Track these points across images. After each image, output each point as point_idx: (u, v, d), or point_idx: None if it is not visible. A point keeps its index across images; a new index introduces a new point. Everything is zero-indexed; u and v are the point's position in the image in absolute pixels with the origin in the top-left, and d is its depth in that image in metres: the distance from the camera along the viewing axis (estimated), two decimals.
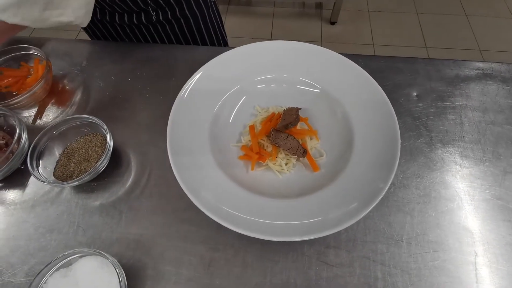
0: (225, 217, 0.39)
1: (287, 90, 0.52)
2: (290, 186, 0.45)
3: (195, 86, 0.50)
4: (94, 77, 0.59)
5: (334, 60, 0.51)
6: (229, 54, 0.52)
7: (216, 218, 0.39)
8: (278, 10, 2.06)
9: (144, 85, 0.58)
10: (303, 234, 0.38)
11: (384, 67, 0.59)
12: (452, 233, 0.43)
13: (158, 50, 0.63)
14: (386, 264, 0.41)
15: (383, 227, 0.44)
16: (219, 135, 0.48)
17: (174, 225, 0.44)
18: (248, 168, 0.47)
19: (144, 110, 0.55)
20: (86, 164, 0.46)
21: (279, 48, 0.53)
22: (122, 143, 0.51)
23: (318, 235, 0.38)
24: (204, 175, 0.43)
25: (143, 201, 0.46)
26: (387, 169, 0.42)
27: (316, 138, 0.48)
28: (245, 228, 0.38)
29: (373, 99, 0.48)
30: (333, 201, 0.41)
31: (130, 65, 0.61)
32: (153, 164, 0.49)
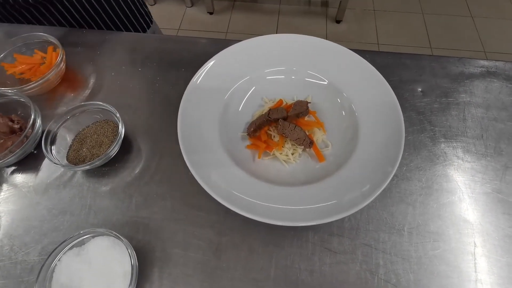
0: (234, 202, 0.40)
1: (295, 82, 0.53)
2: (296, 175, 0.46)
3: (206, 75, 0.51)
4: (105, 66, 0.60)
5: (342, 54, 0.52)
6: (239, 46, 0.53)
7: (225, 202, 0.40)
8: (284, 8, 2.07)
9: (154, 75, 0.59)
10: (308, 219, 0.39)
11: (391, 63, 0.60)
12: (453, 224, 0.44)
13: (169, 42, 0.65)
14: (387, 252, 0.43)
15: (386, 217, 0.45)
16: (228, 124, 0.50)
17: (183, 210, 0.46)
18: (255, 157, 0.48)
19: (154, 99, 0.56)
20: (98, 149, 0.48)
21: (288, 41, 0.54)
22: (133, 130, 0.53)
23: (322, 221, 0.39)
24: (214, 162, 0.45)
25: (152, 187, 0.48)
26: (390, 161, 0.43)
27: (323, 129, 0.50)
28: (252, 213, 0.39)
29: (379, 93, 0.49)
30: (338, 189, 0.42)
31: (141, 56, 0.62)
32: (163, 151, 0.51)
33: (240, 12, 2.04)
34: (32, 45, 0.58)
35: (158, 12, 2.03)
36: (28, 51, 0.58)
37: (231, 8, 2.06)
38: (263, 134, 0.48)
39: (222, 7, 2.05)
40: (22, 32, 0.59)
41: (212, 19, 2.00)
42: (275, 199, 0.42)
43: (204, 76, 0.51)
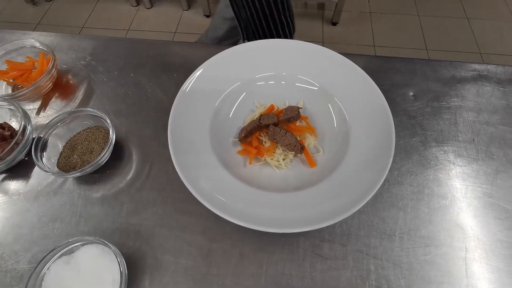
0: (223, 208, 0.40)
1: (286, 87, 0.53)
2: (287, 180, 0.46)
3: (196, 81, 0.51)
4: (97, 72, 0.60)
5: (332, 58, 0.53)
6: (230, 52, 0.53)
7: (214, 209, 0.40)
8: None
9: (146, 81, 0.59)
10: (299, 226, 0.39)
11: (382, 67, 0.60)
12: (444, 229, 0.44)
13: (160, 47, 0.65)
14: (378, 257, 0.43)
15: (377, 222, 0.45)
16: (219, 129, 0.50)
17: (174, 216, 0.46)
18: (246, 162, 0.48)
19: (146, 105, 0.56)
20: (89, 156, 0.48)
21: (278, 46, 0.54)
22: (125, 136, 0.53)
23: (313, 227, 0.39)
24: (204, 168, 0.45)
25: (143, 193, 0.47)
26: (381, 166, 0.43)
27: (314, 135, 0.50)
28: (243, 219, 0.39)
29: (369, 98, 0.49)
30: (329, 194, 0.42)
31: (133, 61, 0.62)
32: (154, 157, 0.51)
33: None
34: (24, 51, 0.58)
35: (154, 15, 2.03)
36: (20, 57, 0.58)
37: None
38: (254, 140, 0.48)
39: None
40: (13, 38, 0.59)
41: (208, 22, 2.00)
42: (266, 205, 0.42)
43: (195, 82, 0.51)
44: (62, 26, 1.98)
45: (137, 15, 2.03)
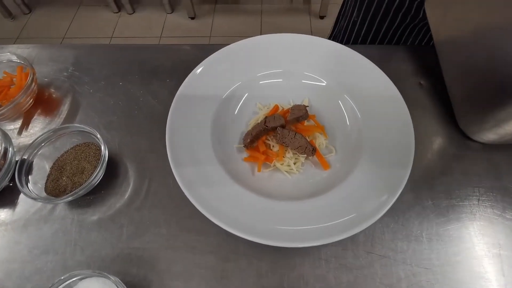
0: (235, 224, 0.36)
1: (290, 85, 0.50)
2: (300, 186, 0.43)
3: (192, 85, 0.47)
4: (82, 82, 0.55)
5: (338, 51, 0.49)
6: (226, 50, 0.49)
7: (225, 225, 0.36)
8: (266, 7, 2.03)
9: (136, 89, 0.54)
10: (320, 238, 0.36)
11: (386, 56, 0.57)
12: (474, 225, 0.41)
13: (148, 51, 0.60)
14: (408, 262, 0.39)
15: (401, 223, 0.42)
16: (221, 136, 0.45)
17: (179, 235, 0.41)
18: (254, 170, 0.44)
19: (138, 115, 0.51)
20: (80, 176, 0.43)
21: (279, 41, 0.50)
22: (118, 151, 0.48)
23: (335, 238, 0.35)
24: (209, 180, 0.41)
25: (144, 213, 0.43)
26: (402, 163, 0.39)
27: (324, 134, 0.46)
28: (257, 235, 0.35)
29: (380, 90, 0.45)
30: (348, 200, 0.39)
31: (121, 68, 0.57)
32: (153, 172, 0.46)
33: (222, 15, 2.00)
34: (0, 67, 0.53)
35: (137, 21, 1.97)
36: None
37: (213, 11, 2.01)
38: (261, 145, 0.44)
39: (203, 11, 2.00)
40: None
41: (194, 24, 1.96)
42: (280, 218, 0.38)
43: (191, 86, 0.47)
44: (42, 38, 1.90)
45: (119, 21, 1.97)
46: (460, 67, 0.44)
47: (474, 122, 0.44)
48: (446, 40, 0.47)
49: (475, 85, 0.42)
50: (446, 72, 0.48)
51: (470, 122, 0.45)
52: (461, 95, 0.46)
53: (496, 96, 0.39)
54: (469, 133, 0.46)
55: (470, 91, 0.43)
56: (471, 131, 0.45)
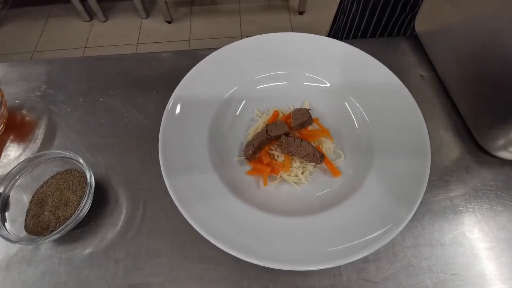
0: (244, 248, 0.33)
1: (291, 88, 0.46)
2: (311, 198, 0.39)
3: (183, 96, 0.42)
4: (58, 101, 0.50)
5: (337, 48, 0.46)
6: (218, 55, 0.45)
7: (234, 251, 0.32)
8: (244, 6, 1.99)
9: (120, 103, 0.50)
10: (339, 257, 0.32)
11: (387, 49, 0.54)
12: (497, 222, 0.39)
13: (129, 61, 0.55)
14: (433, 270, 0.36)
15: (421, 226, 0.39)
16: (220, 149, 0.42)
17: (184, 265, 0.37)
18: (259, 183, 0.41)
19: (125, 133, 0.47)
20: (64, 209, 0.38)
21: (278, 41, 0.47)
22: (105, 175, 0.43)
23: (356, 257, 0.32)
24: (211, 200, 0.37)
25: (142, 242, 0.39)
26: (421, 159, 0.37)
27: (330, 138, 0.43)
28: (270, 259, 0.32)
29: (387, 88, 0.43)
30: (366, 210, 0.36)
31: (101, 82, 0.52)
32: (147, 195, 0.42)
33: (200, 17, 1.94)
34: None
35: (111, 28, 1.89)
36: None
37: (190, 14, 1.95)
38: (265, 156, 0.40)
39: (180, 14, 1.94)
40: None
41: (171, 28, 1.89)
42: (294, 237, 0.34)
43: (180, 101, 0.42)
44: (11, 54, 1.79)
45: (93, 30, 1.88)
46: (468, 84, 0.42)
47: (495, 138, 0.40)
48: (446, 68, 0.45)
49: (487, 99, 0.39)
50: (453, 92, 0.45)
51: (490, 139, 0.41)
52: (474, 112, 0.43)
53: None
54: (492, 150, 0.42)
55: (483, 107, 0.40)
56: (493, 148, 0.42)
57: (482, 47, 0.38)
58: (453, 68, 0.45)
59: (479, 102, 0.41)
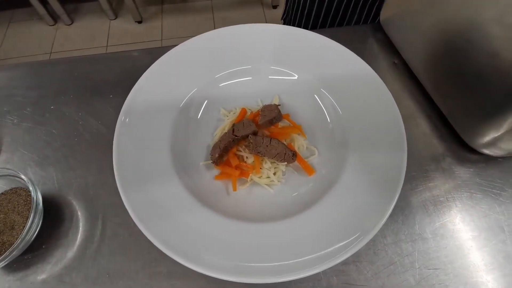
0: (214, 265, 0.29)
1: (256, 83, 0.43)
2: (285, 199, 0.36)
3: (138, 102, 0.39)
4: (2, 112, 0.45)
5: (303, 37, 0.43)
6: (174, 53, 0.42)
7: (202, 269, 0.29)
8: (217, 2, 1.94)
9: (74, 110, 0.45)
10: (315, 264, 0.30)
11: (354, 38, 0.52)
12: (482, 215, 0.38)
13: (85, 64, 0.51)
14: (416, 266, 0.35)
15: (402, 220, 0.37)
16: (183, 155, 0.38)
17: (150, 284, 0.34)
18: (229, 189, 0.37)
19: (80, 143, 0.43)
20: (10, 234, 0.34)
21: (236, 35, 0.43)
22: (58, 191, 0.39)
23: (336, 261, 0.30)
24: (174, 212, 0.33)
25: (101, 263, 0.35)
26: (398, 152, 0.34)
27: (302, 134, 0.40)
28: (243, 274, 0.29)
29: (359, 76, 0.40)
30: (342, 211, 0.33)
31: (51, 89, 0.47)
32: (106, 210, 0.38)
33: (171, 15, 1.88)
34: None
35: (77, 31, 1.80)
36: None
37: (161, 12, 1.89)
38: (233, 158, 0.37)
39: (150, 13, 1.87)
40: None
41: (142, 28, 1.82)
42: (269, 246, 0.31)
43: (138, 100, 0.39)
44: None
45: (58, 34, 1.79)
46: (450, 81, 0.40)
47: (485, 134, 0.37)
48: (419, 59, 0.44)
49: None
50: (433, 90, 0.44)
51: (476, 135, 0.39)
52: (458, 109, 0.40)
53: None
54: (478, 147, 0.39)
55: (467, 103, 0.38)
56: (479, 145, 0.39)
57: (458, 36, 0.36)
58: (421, 60, 0.43)
59: (458, 96, 0.39)
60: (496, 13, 0.31)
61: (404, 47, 0.47)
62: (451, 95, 0.40)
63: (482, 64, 0.34)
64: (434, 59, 0.40)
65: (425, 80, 0.44)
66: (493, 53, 0.32)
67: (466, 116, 0.39)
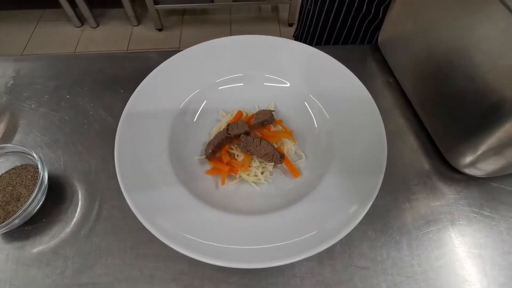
0: (198, 248, 0.32)
1: (253, 90, 0.46)
2: (270, 198, 0.39)
3: (144, 96, 0.42)
4: (22, 98, 0.49)
5: (301, 51, 0.46)
6: (180, 57, 0.45)
7: (188, 251, 0.31)
8: (235, 16, 2.03)
9: (86, 101, 0.49)
10: (294, 253, 0.32)
11: (354, 56, 0.55)
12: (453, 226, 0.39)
13: (101, 61, 0.55)
14: (388, 272, 0.36)
15: (380, 229, 0.39)
16: (180, 148, 0.41)
17: (136, 264, 0.36)
18: (219, 184, 0.40)
19: (88, 131, 0.46)
20: (15, 204, 0.37)
21: (237, 43, 0.47)
22: (64, 172, 0.42)
23: (313, 251, 0.32)
24: (167, 199, 0.36)
25: (94, 241, 0.38)
26: (376, 167, 0.37)
27: (292, 139, 0.43)
28: (224, 258, 0.31)
29: (348, 89, 0.43)
30: (323, 208, 0.35)
31: (68, 80, 0.52)
32: (105, 193, 0.41)
33: (191, 25, 1.97)
34: None
35: (102, 35, 1.89)
36: None
37: (181, 22, 1.98)
38: (225, 155, 0.40)
39: (171, 22, 1.97)
40: None
41: (162, 35, 1.91)
42: (249, 235, 0.34)
43: (142, 96, 0.42)
44: None
45: (83, 36, 1.89)
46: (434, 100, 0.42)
47: (465, 154, 0.38)
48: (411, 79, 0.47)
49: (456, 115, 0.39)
50: (420, 109, 0.46)
51: (460, 155, 0.40)
52: (443, 129, 0.42)
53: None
54: (459, 166, 0.41)
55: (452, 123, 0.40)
56: (460, 165, 0.41)
57: (442, 60, 0.38)
58: (411, 80, 0.46)
59: (441, 117, 0.41)
60: (473, 41, 0.33)
61: (397, 68, 0.50)
62: (435, 115, 0.42)
63: (461, 86, 0.36)
64: (421, 80, 0.43)
65: (414, 99, 0.47)
66: (470, 77, 0.34)
67: (448, 136, 0.41)
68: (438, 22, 0.38)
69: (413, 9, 0.43)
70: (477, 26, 0.32)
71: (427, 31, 0.40)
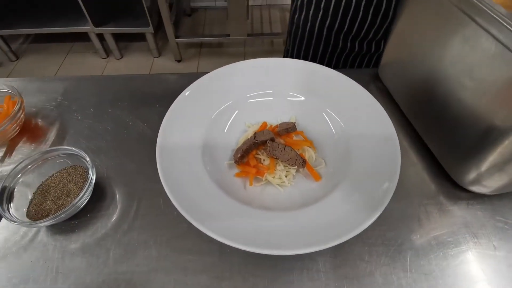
0: (231, 236, 0.35)
1: (276, 104, 0.52)
2: (293, 198, 0.42)
3: (182, 105, 0.48)
4: (70, 110, 0.56)
5: (321, 73, 0.52)
6: (216, 74, 0.52)
7: (222, 238, 0.34)
8: (249, 50, 2.16)
9: (126, 114, 0.55)
10: (317, 243, 0.34)
11: (368, 79, 0.60)
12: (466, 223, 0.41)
13: (137, 80, 0.62)
14: (407, 269, 0.38)
15: (393, 229, 0.41)
16: (212, 154, 0.46)
17: (170, 256, 0.39)
18: (246, 185, 0.44)
19: (127, 139, 0.51)
20: (65, 199, 0.41)
21: (261, 65, 0.53)
22: (106, 174, 0.47)
23: (330, 244, 0.34)
24: (203, 197, 0.40)
25: (133, 235, 0.41)
26: (390, 168, 0.40)
27: (312, 148, 0.47)
28: (254, 245, 0.34)
29: (363, 105, 0.48)
30: (343, 205, 0.39)
31: (110, 96, 0.58)
32: (142, 193, 0.45)
33: (207, 57, 2.10)
34: None
35: (125, 65, 2.04)
36: None
37: (198, 54, 2.11)
38: (252, 159, 0.44)
39: (189, 54, 2.10)
40: None
41: (180, 66, 2.04)
42: (274, 227, 0.37)
43: (181, 107, 0.48)
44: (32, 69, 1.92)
45: (108, 66, 2.03)
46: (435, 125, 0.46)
47: (465, 172, 0.41)
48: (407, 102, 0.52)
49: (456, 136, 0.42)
50: (422, 133, 0.50)
51: (461, 173, 0.43)
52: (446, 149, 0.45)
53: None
54: (464, 184, 0.43)
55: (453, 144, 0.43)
56: (465, 183, 0.43)
57: (438, 89, 0.43)
58: (413, 108, 0.51)
59: (443, 139, 0.45)
60: (465, 68, 0.38)
61: (395, 93, 0.54)
62: (437, 137, 0.46)
63: (458, 110, 0.40)
64: (418, 106, 0.48)
65: (415, 122, 0.51)
66: (464, 101, 0.38)
67: (451, 155, 0.44)
68: (431, 52, 0.43)
69: (406, 43, 0.48)
70: (465, 54, 0.37)
71: (421, 61, 0.45)
